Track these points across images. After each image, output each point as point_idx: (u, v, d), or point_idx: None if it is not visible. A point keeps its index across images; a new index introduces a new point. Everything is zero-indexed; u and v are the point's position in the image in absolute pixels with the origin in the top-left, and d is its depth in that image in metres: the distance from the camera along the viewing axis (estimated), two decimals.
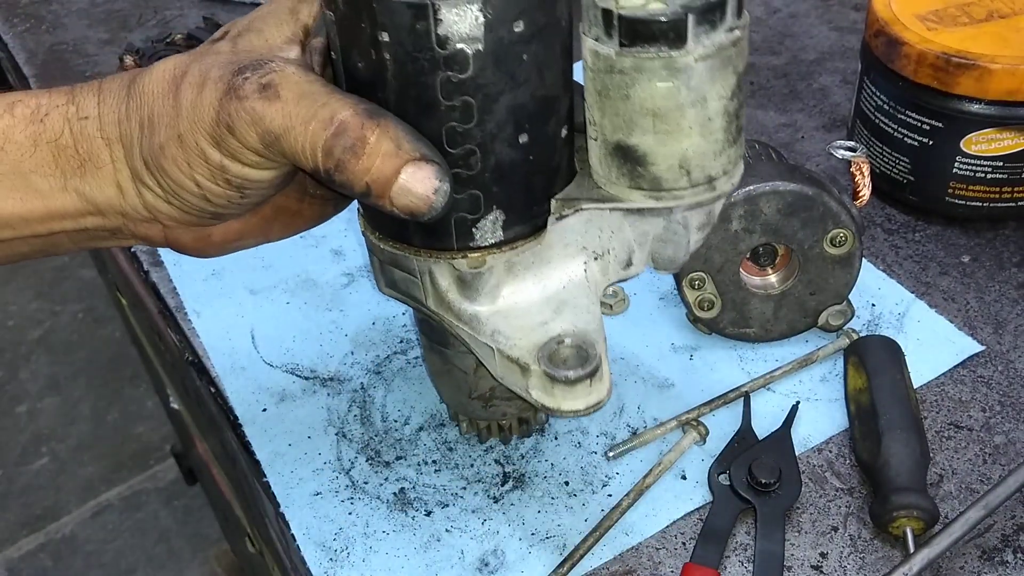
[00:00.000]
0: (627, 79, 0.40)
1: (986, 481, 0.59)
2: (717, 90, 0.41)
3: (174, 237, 0.50)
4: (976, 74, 0.68)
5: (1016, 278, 0.72)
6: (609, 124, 0.42)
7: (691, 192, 0.44)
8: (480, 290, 0.46)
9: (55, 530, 1.89)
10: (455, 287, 0.46)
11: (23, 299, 2.35)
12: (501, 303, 0.46)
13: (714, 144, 0.43)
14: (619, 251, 0.48)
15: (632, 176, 0.43)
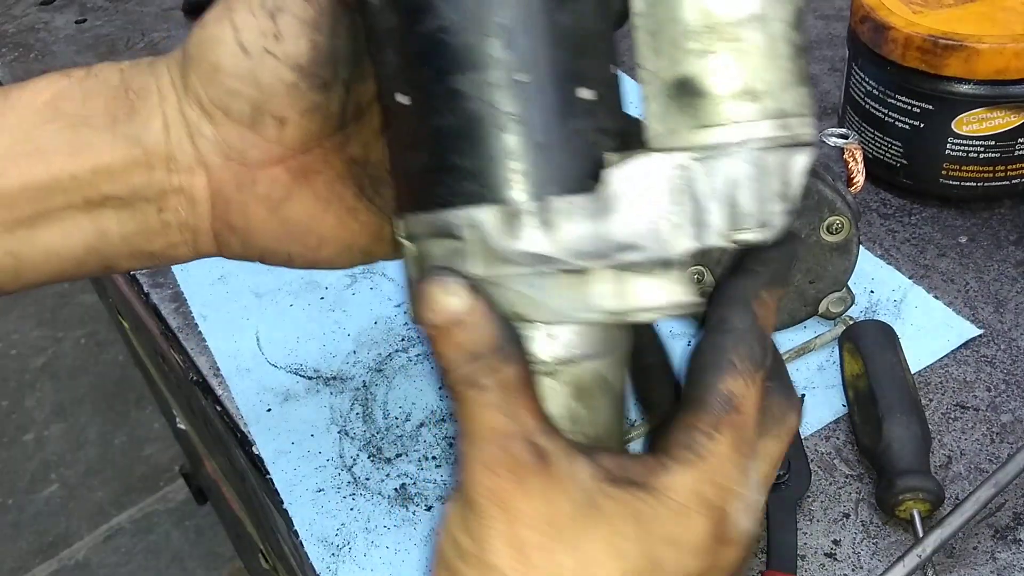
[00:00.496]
0: (681, 2, 0.37)
1: (995, 460, 0.59)
2: (777, 10, 0.38)
3: (217, 188, 0.44)
4: (964, 55, 0.68)
5: (1014, 256, 0.72)
6: (666, 61, 0.38)
7: (765, 124, 0.38)
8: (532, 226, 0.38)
9: (68, 556, 1.89)
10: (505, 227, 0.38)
11: (25, 327, 2.35)
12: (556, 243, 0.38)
13: (781, 72, 0.38)
14: (690, 207, 0.39)
15: (696, 115, 0.38)
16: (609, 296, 0.36)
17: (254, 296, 0.75)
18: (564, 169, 0.37)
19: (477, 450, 0.34)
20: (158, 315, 0.75)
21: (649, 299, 0.36)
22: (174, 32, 1.09)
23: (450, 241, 0.37)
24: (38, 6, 1.18)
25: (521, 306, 0.37)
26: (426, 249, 0.38)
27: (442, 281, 0.35)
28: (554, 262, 0.36)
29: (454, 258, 0.37)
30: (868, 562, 0.55)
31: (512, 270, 0.37)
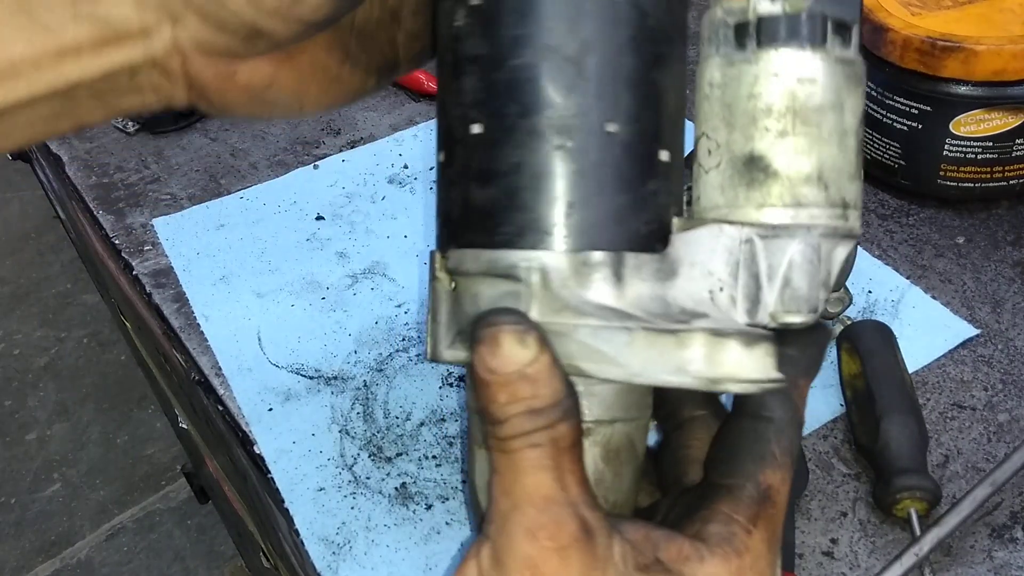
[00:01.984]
0: (764, 81, 0.38)
1: (991, 459, 0.60)
2: (851, 104, 0.39)
3: (195, 73, 0.41)
4: (962, 56, 0.69)
5: (1011, 257, 0.73)
6: (740, 136, 0.38)
7: (828, 212, 0.38)
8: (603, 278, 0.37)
9: (70, 555, 1.90)
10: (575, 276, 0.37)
11: (28, 327, 2.36)
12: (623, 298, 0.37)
13: (849, 164, 0.39)
14: (747, 282, 0.39)
15: (764, 192, 0.38)
16: (700, 361, 0.35)
17: (255, 296, 0.76)
18: (637, 226, 0.37)
19: (521, 514, 0.33)
20: (160, 315, 0.76)
21: (740, 370, 0.35)
22: None
23: (507, 283, 0.36)
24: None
25: (582, 358, 0.35)
26: (474, 288, 0.36)
27: (516, 329, 0.33)
28: (630, 317, 0.35)
29: (508, 301, 0.36)
30: (866, 560, 0.55)
31: (578, 320, 0.35)
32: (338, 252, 0.79)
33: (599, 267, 0.36)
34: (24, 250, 2.56)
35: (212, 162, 0.90)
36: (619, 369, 0.35)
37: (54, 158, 0.94)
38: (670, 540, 0.35)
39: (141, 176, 0.89)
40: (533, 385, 0.33)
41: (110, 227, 0.84)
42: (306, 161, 0.89)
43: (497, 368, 0.33)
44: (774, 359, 0.35)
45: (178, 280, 0.77)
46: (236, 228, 0.82)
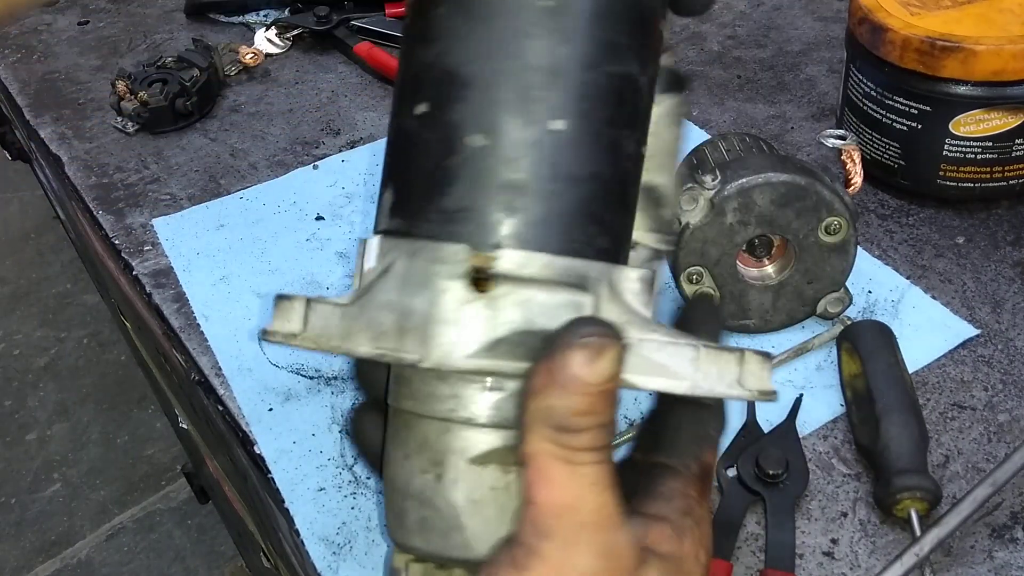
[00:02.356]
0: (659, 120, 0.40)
1: (992, 460, 0.60)
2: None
3: None
4: (961, 56, 0.69)
5: (1011, 257, 0.73)
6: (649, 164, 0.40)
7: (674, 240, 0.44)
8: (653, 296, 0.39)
9: (71, 555, 1.90)
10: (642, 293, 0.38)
11: (27, 327, 2.35)
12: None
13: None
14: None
15: (654, 219, 0.40)
16: (754, 378, 0.36)
17: (255, 296, 0.76)
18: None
19: (591, 534, 0.33)
20: (160, 315, 0.76)
21: (768, 383, 0.37)
22: (176, 34, 1.10)
23: (570, 293, 0.35)
24: (41, 8, 1.18)
25: (639, 372, 0.35)
26: (524, 294, 0.35)
27: (617, 344, 0.33)
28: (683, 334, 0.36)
29: (569, 311, 0.35)
30: (866, 561, 0.55)
31: (645, 335, 0.35)
32: (338, 252, 0.79)
33: (649, 285, 0.37)
34: (24, 250, 2.56)
35: (212, 162, 0.90)
36: (682, 382, 0.36)
37: (54, 158, 0.94)
38: (650, 527, 0.36)
39: (141, 176, 0.89)
40: (608, 402, 0.33)
41: (110, 227, 0.84)
42: (306, 161, 0.89)
43: (590, 378, 0.32)
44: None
45: (178, 280, 0.77)
46: (236, 228, 0.82)
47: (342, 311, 0.37)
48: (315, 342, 0.37)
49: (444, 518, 0.36)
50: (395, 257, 0.36)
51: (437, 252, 0.35)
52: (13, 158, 1.32)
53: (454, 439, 0.36)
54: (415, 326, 0.35)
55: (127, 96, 0.94)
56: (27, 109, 1.00)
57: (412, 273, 0.35)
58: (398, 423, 0.38)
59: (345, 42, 1.03)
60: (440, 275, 0.35)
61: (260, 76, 1.02)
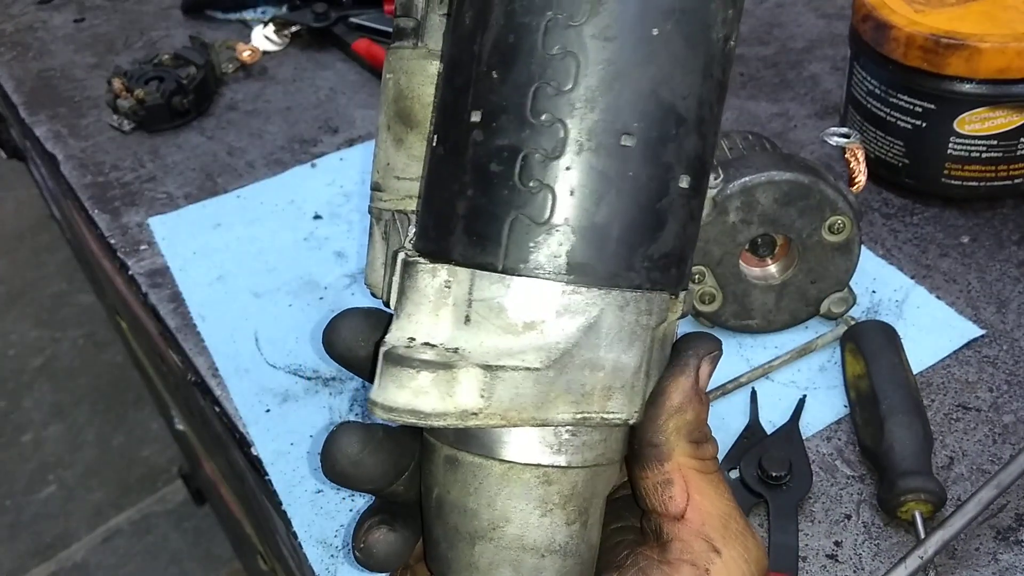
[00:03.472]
0: None
1: (997, 461, 0.59)
2: None
3: None
4: (966, 54, 0.68)
5: (1016, 256, 0.72)
6: None
7: None
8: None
9: (66, 558, 1.89)
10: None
11: (23, 328, 2.35)
12: None
13: None
14: None
15: None
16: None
17: (253, 296, 0.75)
18: None
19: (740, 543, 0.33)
20: (156, 315, 0.75)
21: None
22: (173, 31, 1.09)
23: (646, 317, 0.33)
24: (36, 5, 1.17)
25: None
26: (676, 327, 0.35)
27: (720, 351, 0.35)
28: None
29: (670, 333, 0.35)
30: (870, 563, 0.55)
31: None
32: (336, 251, 0.78)
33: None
34: (19, 250, 2.55)
35: (208, 161, 0.89)
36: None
37: (49, 157, 0.93)
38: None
39: (137, 175, 0.88)
40: (705, 409, 0.35)
41: (105, 226, 0.83)
42: (303, 159, 0.88)
43: (704, 389, 0.34)
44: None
45: (174, 280, 0.77)
46: (233, 227, 0.82)
47: (536, 376, 0.32)
48: (504, 417, 0.32)
49: (583, 562, 0.35)
50: (599, 310, 0.32)
51: (648, 303, 0.33)
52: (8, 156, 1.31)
53: (599, 481, 0.35)
54: (624, 382, 0.33)
55: (123, 94, 0.93)
56: (22, 107, 1.00)
57: (622, 327, 0.32)
58: (527, 479, 0.34)
59: (343, 39, 1.02)
60: (650, 326, 0.33)
61: (257, 74, 1.01)
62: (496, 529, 0.34)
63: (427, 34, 0.41)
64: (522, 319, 0.31)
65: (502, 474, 0.33)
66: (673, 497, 0.33)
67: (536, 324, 0.31)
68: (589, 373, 0.32)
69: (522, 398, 0.31)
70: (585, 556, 0.35)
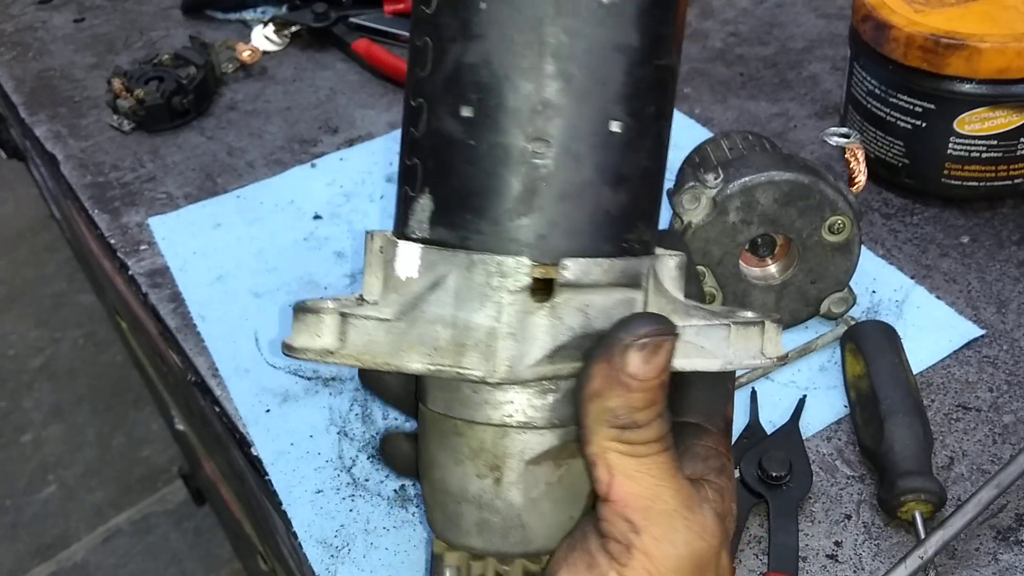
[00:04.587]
0: None
1: (997, 461, 0.59)
2: None
3: None
4: (966, 54, 0.68)
5: (1016, 256, 0.72)
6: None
7: None
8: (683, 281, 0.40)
9: (66, 558, 1.89)
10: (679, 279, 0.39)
11: (23, 328, 2.34)
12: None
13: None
14: None
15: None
16: (772, 346, 0.38)
17: (253, 296, 0.75)
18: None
19: (682, 518, 0.34)
20: (156, 315, 0.75)
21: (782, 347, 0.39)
22: (173, 31, 1.09)
23: (623, 292, 0.35)
24: (36, 5, 1.17)
25: (686, 356, 0.37)
26: (584, 299, 0.35)
27: (672, 338, 0.34)
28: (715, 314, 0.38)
29: (623, 308, 0.35)
30: (870, 563, 0.55)
31: (686, 321, 0.37)
32: (336, 252, 0.78)
33: (685, 268, 0.39)
34: (19, 250, 2.55)
35: (208, 161, 0.89)
36: (716, 361, 0.37)
37: (49, 157, 0.93)
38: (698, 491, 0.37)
39: (137, 175, 0.88)
40: (664, 392, 0.35)
41: (105, 226, 0.83)
42: (303, 159, 0.88)
43: (647, 374, 0.33)
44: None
45: (174, 280, 0.77)
46: (233, 227, 0.82)
47: (387, 326, 0.35)
48: (358, 359, 0.36)
49: (504, 518, 0.37)
50: (447, 270, 0.35)
51: (499, 266, 0.34)
52: (8, 156, 1.31)
53: (512, 443, 0.36)
54: (477, 341, 0.35)
55: (123, 94, 0.93)
56: (22, 107, 1.00)
57: (470, 287, 0.35)
58: (446, 429, 0.37)
59: (343, 39, 1.02)
60: (503, 288, 0.34)
61: (257, 74, 1.01)
62: (428, 470, 0.39)
63: None
64: (401, 276, 0.36)
65: (431, 421, 0.38)
66: (598, 478, 0.35)
67: (408, 282, 0.36)
68: (441, 329, 0.35)
69: (375, 344, 0.35)
70: (505, 513, 0.37)
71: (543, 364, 0.35)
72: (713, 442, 0.39)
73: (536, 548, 0.38)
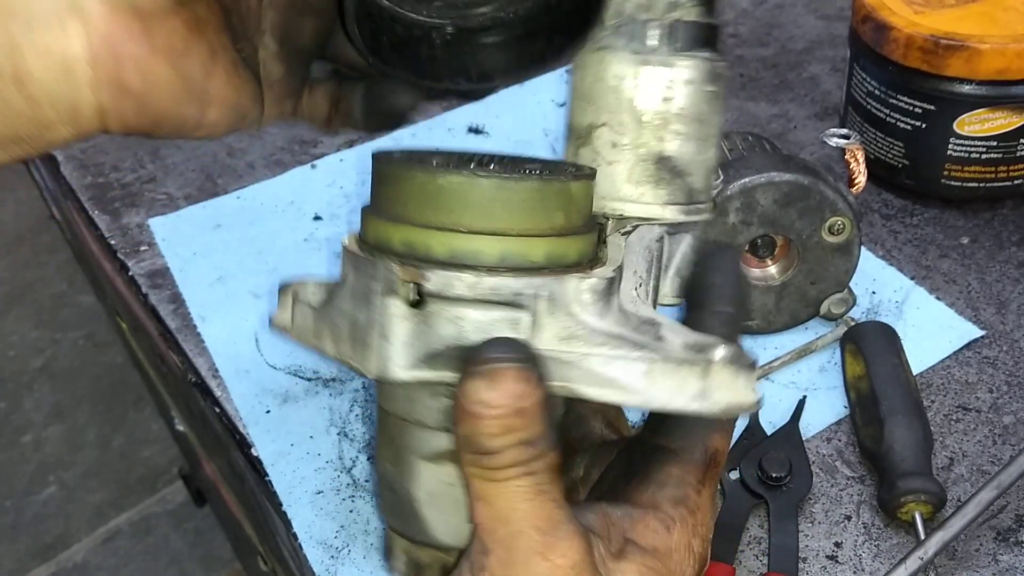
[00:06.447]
0: (679, 87, 0.40)
1: (997, 462, 0.59)
2: (723, 108, 0.42)
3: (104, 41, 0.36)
4: (966, 55, 0.68)
5: (1016, 257, 0.72)
6: (651, 137, 0.40)
7: (709, 207, 0.42)
8: (611, 301, 0.37)
9: (66, 559, 1.89)
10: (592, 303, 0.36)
11: (23, 328, 2.35)
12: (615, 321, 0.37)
13: (714, 165, 0.43)
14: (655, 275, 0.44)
15: (671, 189, 0.41)
16: (729, 391, 0.35)
17: (253, 297, 0.75)
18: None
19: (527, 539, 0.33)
20: (156, 316, 0.75)
21: (744, 398, 0.36)
22: None
23: (504, 310, 0.35)
24: None
25: (588, 384, 0.35)
26: (458, 311, 0.35)
27: (520, 366, 0.33)
28: (637, 345, 0.35)
29: (504, 328, 0.35)
30: (870, 564, 0.55)
31: (590, 350, 0.35)
32: (336, 252, 0.78)
33: (601, 293, 0.36)
34: (19, 250, 2.55)
35: (208, 161, 0.90)
36: (636, 397, 0.35)
37: (49, 157, 0.93)
38: (635, 519, 0.36)
39: (137, 176, 0.88)
40: (528, 419, 0.33)
41: (106, 227, 0.83)
42: (304, 160, 0.88)
43: (494, 402, 0.32)
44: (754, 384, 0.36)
45: (174, 281, 0.77)
46: (233, 228, 0.82)
47: (314, 313, 0.39)
48: (298, 337, 0.40)
49: (405, 506, 0.39)
50: (348, 270, 0.38)
51: (373, 269, 0.36)
52: None
53: (411, 438, 0.38)
54: (361, 337, 0.36)
55: None
56: None
57: (358, 287, 0.37)
58: (378, 415, 0.41)
59: None
60: (376, 292, 0.35)
61: None
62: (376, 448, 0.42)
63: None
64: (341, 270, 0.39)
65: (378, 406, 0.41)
66: (469, 497, 0.35)
67: (342, 275, 0.39)
68: (342, 321, 0.37)
69: (307, 327, 0.40)
70: (406, 502, 0.39)
71: (418, 368, 0.35)
72: (680, 471, 0.37)
73: (445, 543, 0.39)
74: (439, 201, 0.35)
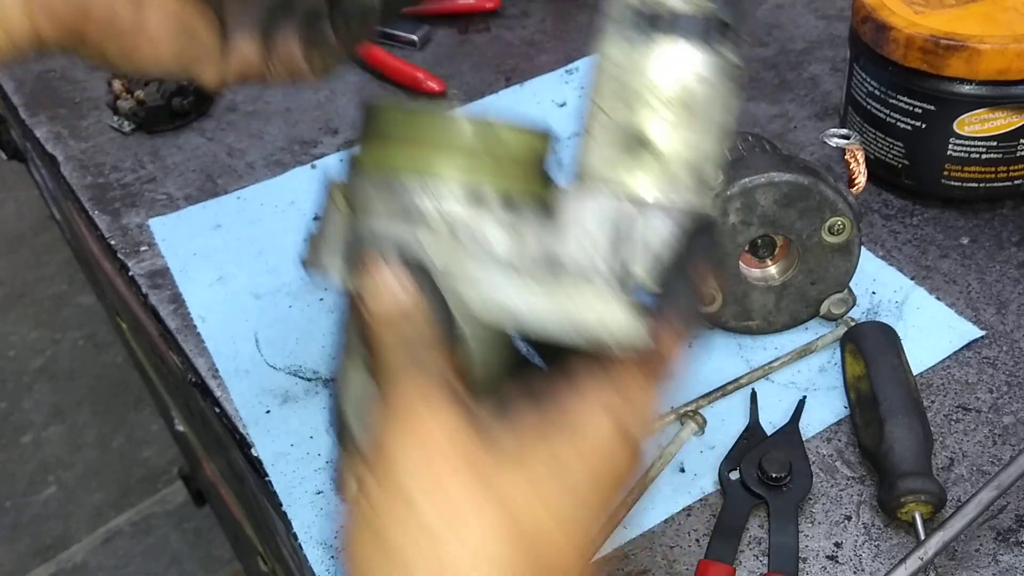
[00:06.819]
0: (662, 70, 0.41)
1: (997, 462, 0.59)
2: (732, 104, 0.42)
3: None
4: (966, 55, 0.68)
5: (1016, 257, 0.72)
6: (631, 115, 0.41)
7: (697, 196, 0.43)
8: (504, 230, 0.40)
9: (66, 559, 1.89)
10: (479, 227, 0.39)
11: (23, 329, 2.35)
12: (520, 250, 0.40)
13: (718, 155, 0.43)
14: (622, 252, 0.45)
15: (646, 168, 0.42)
16: (593, 319, 0.37)
17: (253, 297, 0.75)
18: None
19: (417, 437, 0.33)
20: (156, 316, 0.75)
21: (620, 330, 0.37)
22: None
23: (411, 225, 0.38)
24: None
25: (478, 305, 0.37)
26: (374, 221, 0.39)
27: (400, 273, 0.35)
28: (527, 271, 0.37)
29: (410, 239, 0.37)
30: (870, 564, 0.55)
31: (480, 272, 0.37)
32: None
33: (502, 219, 0.38)
34: (19, 251, 2.55)
35: (209, 162, 0.90)
36: (515, 320, 0.37)
37: (49, 158, 0.93)
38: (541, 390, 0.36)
39: (137, 176, 0.88)
40: (413, 324, 0.35)
41: (106, 227, 0.83)
42: (304, 161, 0.88)
43: (378, 310, 0.35)
44: (646, 324, 0.38)
45: (174, 281, 0.77)
46: (233, 228, 0.82)
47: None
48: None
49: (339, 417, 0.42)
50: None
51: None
52: (8, 157, 1.31)
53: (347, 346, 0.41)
54: None
55: (123, 95, 0.93)
56: (22, 108, 1.00)
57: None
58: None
59: None
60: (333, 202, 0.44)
61: None
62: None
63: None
64: None
65: None
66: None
67: None
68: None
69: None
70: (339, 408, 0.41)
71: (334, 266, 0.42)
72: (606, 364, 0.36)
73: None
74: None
